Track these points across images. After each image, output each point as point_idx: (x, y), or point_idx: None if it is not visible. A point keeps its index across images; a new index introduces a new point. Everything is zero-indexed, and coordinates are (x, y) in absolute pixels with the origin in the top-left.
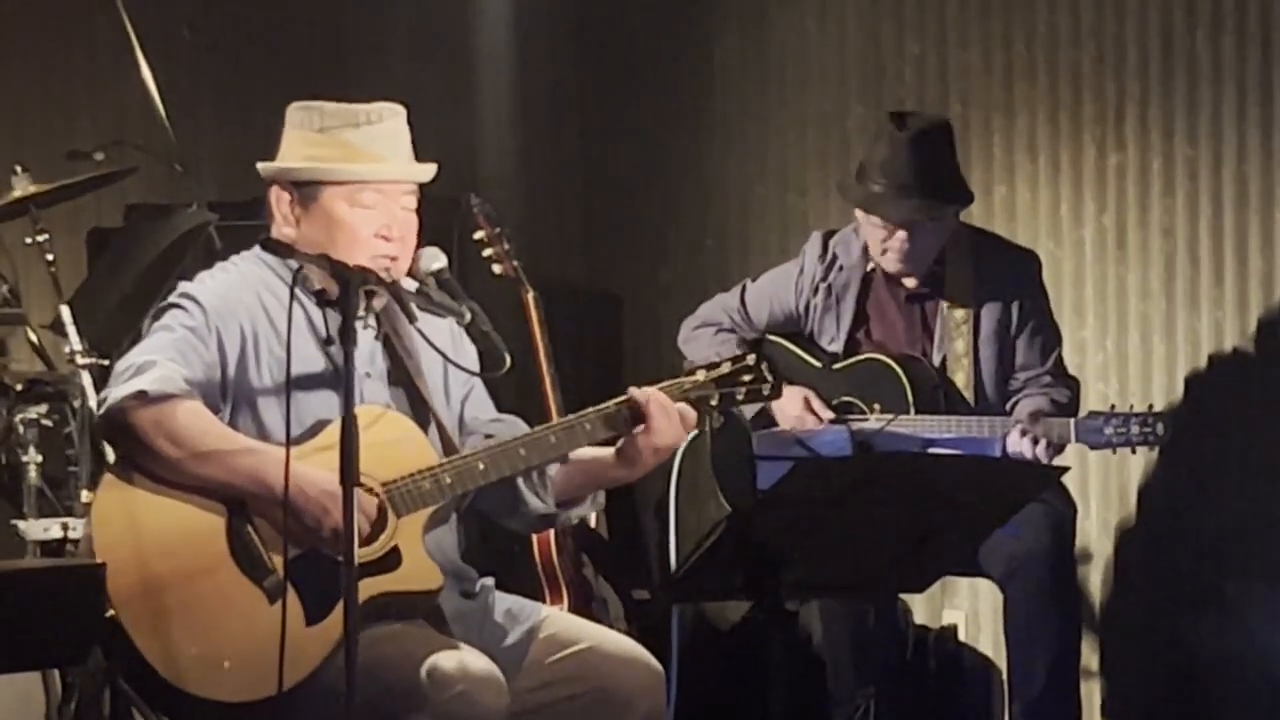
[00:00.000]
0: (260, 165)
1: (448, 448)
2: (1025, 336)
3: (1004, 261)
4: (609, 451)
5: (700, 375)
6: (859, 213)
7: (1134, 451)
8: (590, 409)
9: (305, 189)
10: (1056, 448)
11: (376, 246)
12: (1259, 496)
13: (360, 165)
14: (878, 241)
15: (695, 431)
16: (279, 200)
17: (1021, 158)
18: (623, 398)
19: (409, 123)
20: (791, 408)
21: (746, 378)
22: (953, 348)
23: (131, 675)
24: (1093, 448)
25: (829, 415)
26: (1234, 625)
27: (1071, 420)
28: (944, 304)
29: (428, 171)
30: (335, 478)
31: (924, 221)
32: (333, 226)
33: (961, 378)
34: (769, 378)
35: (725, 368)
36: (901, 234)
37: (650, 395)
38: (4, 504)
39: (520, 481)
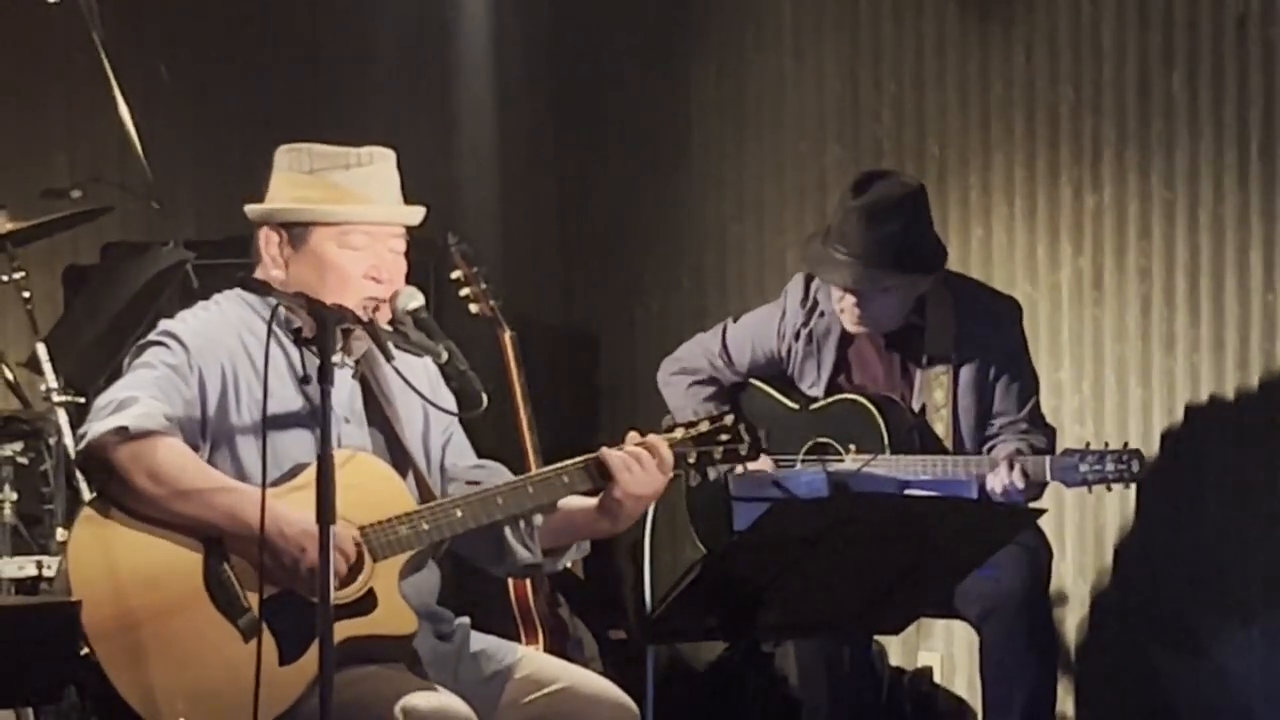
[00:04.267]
0: (248, 207)
1: (425, 494)
2: (1003, 384)
3: (984, 311)
4: (592, 502)
5: (679, 433)
6: None
7: (1109, 489)
8: (566, 462)
9: (295, 230)
10: (1036, 486)
11: (366, 288)
12: (1235, 539)
13: (349, 207)
14: (835, 300)
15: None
16: (268, 242)
17: (998, 200)
18: (591, 455)
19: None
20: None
21: (724, 438)
22: (932, 397)
23: (106, 712)
24: (1068, 485)
25: None
26: (1209, 668)
27: (1047, 458)
28: (924, 355)
29: (416, 214)
30: (313, 517)
31: (869, 290)
32: (323, 268)
33: (940, 427)
34: (745, 438)
35: (704, 426)
36: (850, 298)
37: (612, 453)
38: None
39: (507, 531)
